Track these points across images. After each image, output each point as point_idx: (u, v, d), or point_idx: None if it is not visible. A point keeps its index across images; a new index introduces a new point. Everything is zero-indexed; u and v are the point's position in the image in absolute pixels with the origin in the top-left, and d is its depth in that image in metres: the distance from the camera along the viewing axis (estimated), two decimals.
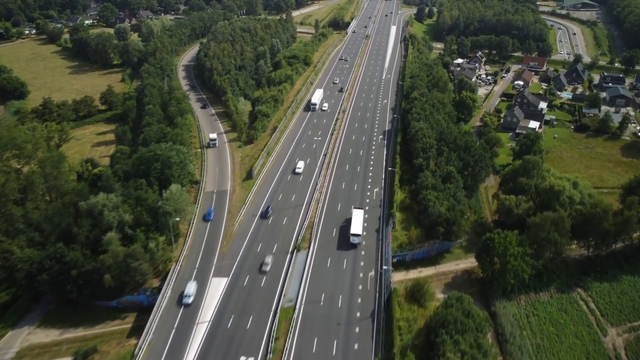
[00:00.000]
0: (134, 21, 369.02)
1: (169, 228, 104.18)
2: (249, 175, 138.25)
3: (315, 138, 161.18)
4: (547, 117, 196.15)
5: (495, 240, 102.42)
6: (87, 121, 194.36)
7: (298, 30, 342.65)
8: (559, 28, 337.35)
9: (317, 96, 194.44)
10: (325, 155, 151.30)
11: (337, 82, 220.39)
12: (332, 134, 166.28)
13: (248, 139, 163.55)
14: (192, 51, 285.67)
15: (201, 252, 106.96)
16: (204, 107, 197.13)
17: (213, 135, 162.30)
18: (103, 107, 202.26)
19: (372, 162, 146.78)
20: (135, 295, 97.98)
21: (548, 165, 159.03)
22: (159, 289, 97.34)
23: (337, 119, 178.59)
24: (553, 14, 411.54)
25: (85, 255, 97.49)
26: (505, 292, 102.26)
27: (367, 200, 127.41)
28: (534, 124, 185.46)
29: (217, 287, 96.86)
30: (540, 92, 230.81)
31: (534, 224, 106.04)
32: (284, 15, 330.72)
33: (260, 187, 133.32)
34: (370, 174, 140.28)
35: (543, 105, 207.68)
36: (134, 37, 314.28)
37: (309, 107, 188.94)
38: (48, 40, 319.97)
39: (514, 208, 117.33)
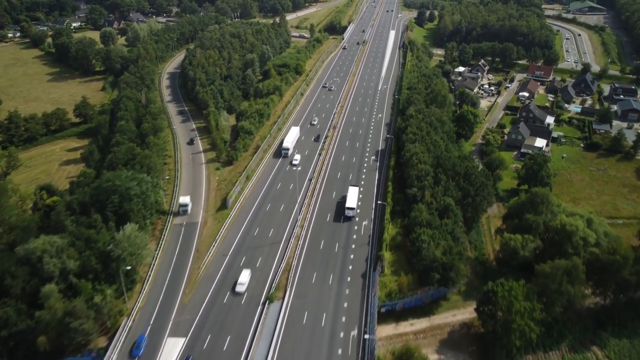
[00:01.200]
0: (123, 24, 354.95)
1: (121, 277, 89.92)
2: (223, 205, 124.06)
3: (301, 160, 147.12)
4: (554, 134, 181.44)
5: (498, 293, 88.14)
6: (59, 136, 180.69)
7: (293, 34, 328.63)
8: (566, 38, 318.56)
9: (291, 137, 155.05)
10: (310, 180, 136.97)
11: (331, 87, 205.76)
12: (319, 154, 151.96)
13: (227, 159, 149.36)
14: (179, 57, 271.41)
15: (158, 304, 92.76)
16: (185, 121, 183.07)
17: (184, 200, 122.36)
18: (77, 120, 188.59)
19: (361, 190, 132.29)
20: (78, 358, 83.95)
21: (557, 190, 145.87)
22: (106, 349, 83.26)
23: (326, 137, 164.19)
24: (559, 18, 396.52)
25: (20, 311, 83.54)
26: (510, 354, 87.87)
27: (354, 237, 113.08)
28: (540, 142, 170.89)
29: (172, 350, 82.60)
30: (547, 104, 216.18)
31: (544, 273, 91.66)
32: (277, 19, 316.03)
33: (234, 219, 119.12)
34: (359, 204, 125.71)
35: (550, 120, 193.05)
36: (122, 41, 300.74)
37: (280, 152, 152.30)
38: (31, 44, 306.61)
39: (520, 249, 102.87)
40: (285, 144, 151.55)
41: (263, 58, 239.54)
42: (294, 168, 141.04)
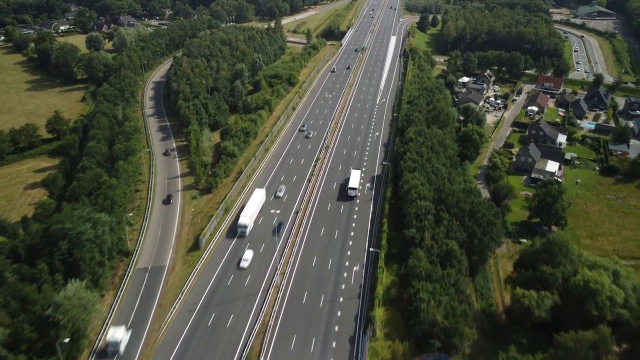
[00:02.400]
0: (112, 28, 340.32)
1: (58, 351, 75.16)
2: (196, 244, 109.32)
3: (286, 189, 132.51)
4: (567, 155, 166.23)
5: None
6: (28, 154, 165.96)
7: (289, 39, 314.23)
8: (575, 50, 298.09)
9: (251, 208, 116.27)
10: (297, 213, 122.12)
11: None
12: (309, 181, 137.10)
13: (206, 186, 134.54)
14: (168, 64, 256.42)
15: None
16: (165, 138, 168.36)
17: (113, 338, 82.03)
18: (50, 136, 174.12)
19: (353, 226, 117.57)
20: None
21: (572, 223, 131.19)
22: None
23: (317, 159, 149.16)
24: (567, 23, 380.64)
25: None
26: None
27: (343, 287, 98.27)
28: (552, 166, 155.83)
29: None
30: (557, 120, 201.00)
31: (565, 347, 76.64)
32: (272, 24, 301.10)
33: (207, 263, 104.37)
34: (350, 245, 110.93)
35: (561, 138, 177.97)
36: (110, 46, 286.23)
37: (235, 230, 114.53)
38: (14, 49, 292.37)
39: (535, 309, 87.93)
40: (242, 220, 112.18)
41: (254, 67, 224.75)
42: (279, 198, 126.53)
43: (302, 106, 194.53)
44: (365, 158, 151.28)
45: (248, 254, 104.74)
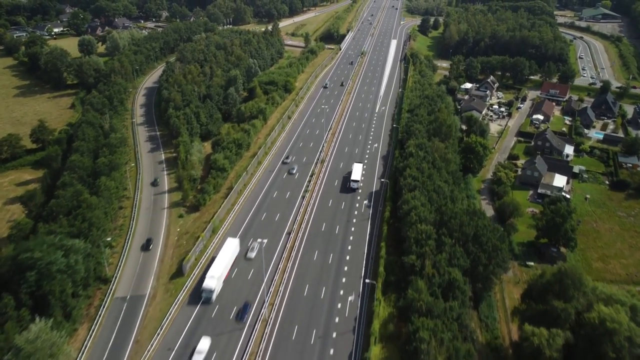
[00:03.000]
0: (106, 30, 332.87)
1: None
2: (179, 270, 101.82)
3: (279, 206, 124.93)
4: (575, 168, 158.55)
5: None
6: (10, 166, 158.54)
7: (287, 43, 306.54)
8: (580, 57, 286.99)
9: (218, 267, 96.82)
10: (289, 234, 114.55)
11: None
12: (303, 198, 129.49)
13: (194, 203, 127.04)
14: (161, 69, 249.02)
15: None
16: (154, 149, 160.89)
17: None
18: (34, 146, 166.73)
19: (349, 248, 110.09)
20: None
21: (582, 243, 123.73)
22: None
23: (312, 174, 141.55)
24: (572, 26, 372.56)
25: None
26: None
27: (336, 320, 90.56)
28: (560, 180, 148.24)
29: None
30: (564, 129, 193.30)
31: None
32: (269, 27, 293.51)
33: (190, 291, 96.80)
34: (345, 270, 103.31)
35: (569, 149, 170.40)
36: (104, 49, 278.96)
37: (199, 294, 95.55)
38: (5, 53, 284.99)
39: (546, 348, 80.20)
40: (207, 283, 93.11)
41: (249, 73, 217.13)
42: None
43: (298, 115, 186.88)
44: (364, 172, 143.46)
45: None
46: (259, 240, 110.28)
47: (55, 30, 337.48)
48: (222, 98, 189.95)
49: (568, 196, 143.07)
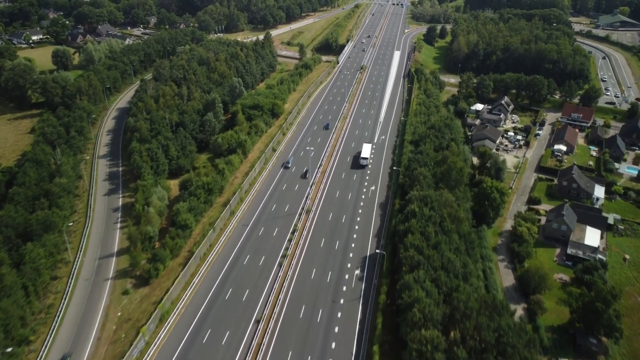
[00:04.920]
0: (88, 39, 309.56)
1: None
2: None
3: (249, 280, 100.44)
4: (609, 218, 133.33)
5: None
6: None
7: (282, 53, 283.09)
8: (603, 79, 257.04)
9: None
10: (259, 321, 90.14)
11: (317, 132, 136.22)
12: (280, 266, 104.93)
13: (145, 274, 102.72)
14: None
15: None
16: (112, 191, 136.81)
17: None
18: None
19: (333, 347, 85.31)
20: None
21: (627, 329, 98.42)
22: None
23: (294, 230, 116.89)
24: (589, 35, 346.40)
25: None
26: None
27: None
28: (593, 236, 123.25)
29: None
30: (590, 163, 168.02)
31: None
32: (260, 37, 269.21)
33: None
34: None
35: (599, 191, 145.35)
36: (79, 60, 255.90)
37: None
38: None
39: None
40: None
41: (233, 94, 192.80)
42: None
43: (286, 146, 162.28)
44: (356, 227, 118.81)
45: None
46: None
47: (34, 37, 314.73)
48: (199, 125, 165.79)
49: (604, 258, 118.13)
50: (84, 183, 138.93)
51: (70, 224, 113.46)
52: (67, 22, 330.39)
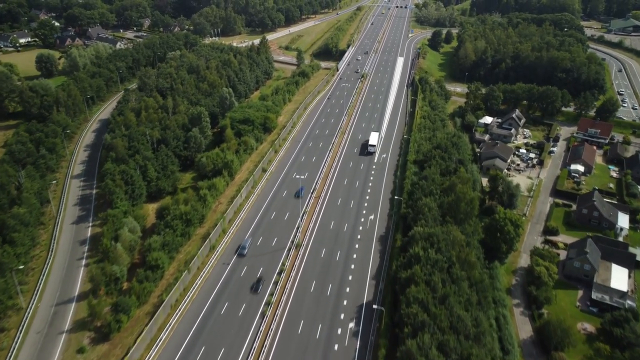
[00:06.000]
0: (78, 42, 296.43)
1: None
2: None
3: (226, 340, 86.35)
4: (637, 254, 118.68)
5: None
6: None
7: (279, 59, 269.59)
8: (620, 92, 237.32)
9: None
10: None
11: (313, 148, 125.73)
12: (262, 317, 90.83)
13: (105, 328, 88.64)
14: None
15: None
16: (82, 218, 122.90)
17: None
18: None
19: None
20: None
21: None
22: None
23: (281, 271, 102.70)
24: (601, 41, 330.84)
25: None
26: None
27: None
28: (620, 277, 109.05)
29: None
30: (611, 185, 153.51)
31: None
32: (256, 42, 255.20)
33: None
34: None
35: (623, 221, 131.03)
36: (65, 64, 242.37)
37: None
38: None
39: None
40: None
41: (223, 105, 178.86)
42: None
43: (277, 166, 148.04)
44: (352, 267, 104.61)
45: None
46: None
47: (22, 40, 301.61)
48: (183, 142, 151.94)
49: (634, 305, 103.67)
50: (51, 209, 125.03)
51: (21, 267, 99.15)
52: (58, 24, 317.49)
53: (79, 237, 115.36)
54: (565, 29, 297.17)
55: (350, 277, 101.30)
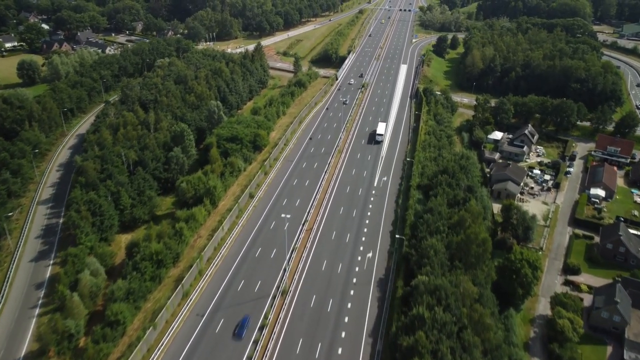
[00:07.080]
0: (66, 47, 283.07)
1: None
2: None
3: None
4: None
5: None
6: None
7: (276, 66, 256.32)
8: (637, 86, 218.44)
9: None
10: None
11: (306, 170, 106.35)
12: None
13: None
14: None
15: None
16: (43, 254, 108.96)
17: None
18: None
19: None
20: None
21: None
22: None
23: (263, 326, 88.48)
24: (614, 47, 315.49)
25: None
26: None
27: None
28: None
29: None
30: (636, 212, 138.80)
31: None
32: (250, 48, 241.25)
33: None
34: None
35: None
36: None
37: None
38: None
39: None
40: None
41: (211, 120, 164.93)
42: None
43: (266, 191, 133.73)
44: (345, 320, 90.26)
45: None
46: None
47: (7, 45, 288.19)
48: (163, 163, 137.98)
49: None
50: (9, 243, 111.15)
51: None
52: (47, 27, 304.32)
53: (36, 279, 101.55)
54: (578, 35, 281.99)
55: (343, 334, 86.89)
